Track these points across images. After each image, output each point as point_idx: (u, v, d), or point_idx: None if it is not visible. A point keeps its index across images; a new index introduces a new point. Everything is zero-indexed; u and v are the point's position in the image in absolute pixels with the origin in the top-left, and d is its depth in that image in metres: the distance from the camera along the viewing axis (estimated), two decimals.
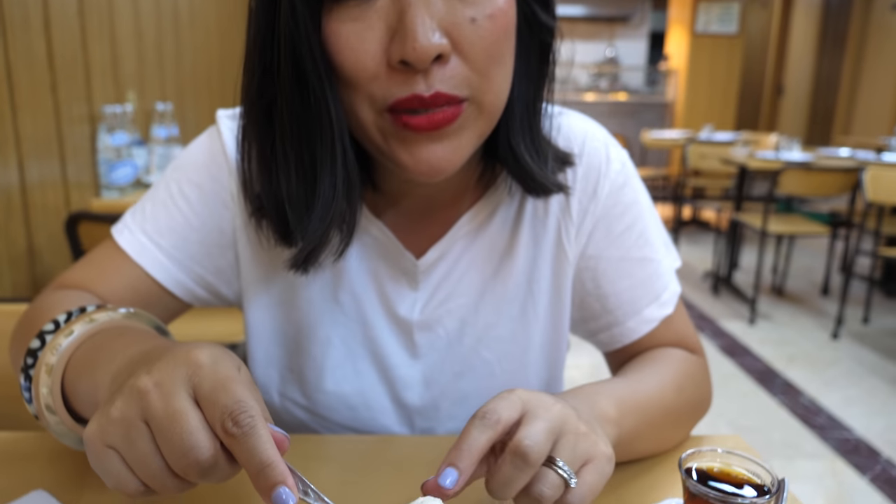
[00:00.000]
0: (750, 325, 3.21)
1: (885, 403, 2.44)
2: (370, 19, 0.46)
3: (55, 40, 1.62)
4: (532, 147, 0.56)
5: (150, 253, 0.61)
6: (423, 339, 0.65)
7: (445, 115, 0.47)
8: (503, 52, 0.49)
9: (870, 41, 6.25)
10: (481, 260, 0.64)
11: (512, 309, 0.65)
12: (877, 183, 2.86)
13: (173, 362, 0.37)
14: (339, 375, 0.65)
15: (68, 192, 1.70)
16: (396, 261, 0.63)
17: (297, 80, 0.48)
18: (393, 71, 0.46)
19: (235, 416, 0.34)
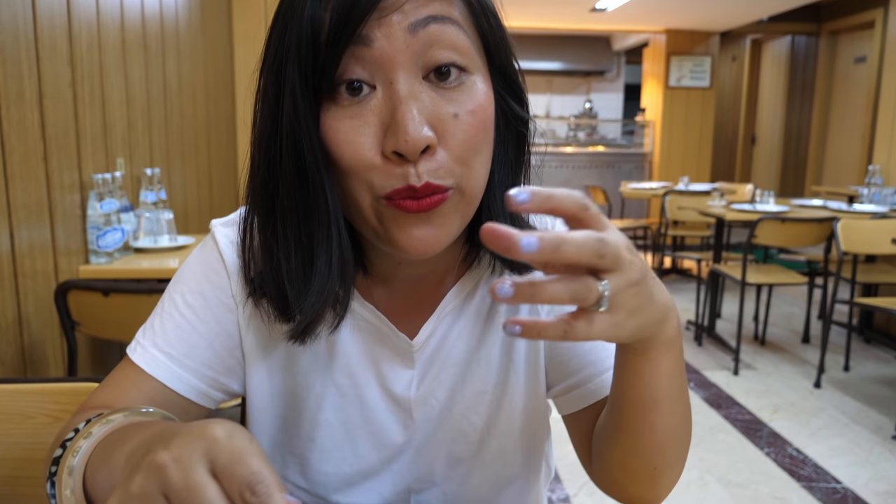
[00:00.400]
0: (734, 376, 3.24)
1: (870, 453, 2.46)
2: (365, 116, 0.51)
3: (48, 111, 1.66)
4: (511, 226, 0.60)
5: (164, 365, 0.63)
6: (418, 412, 0.67)
7: (432, 201, 0.52)
8: (482, 142, 0.55)
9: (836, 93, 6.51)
10: (467, 332, 0.67)
11: (495, 375, 0.68)
12: (849, 233, 2.94)
13: (189, 437, 0.38)
14: (339, 457, 0.67)
15: (57, 259, 1.71)
16: (391, 342, 0.66)
17: (298, 171, 0.53)
18: (387, 161, 0.51)
19: (253, 487, 0.35)
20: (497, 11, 0.58)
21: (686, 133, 6.86)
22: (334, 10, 0.50)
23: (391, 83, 0.51)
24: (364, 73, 0.51)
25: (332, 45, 0.50)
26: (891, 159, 3.99)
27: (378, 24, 0.50)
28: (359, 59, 0.51)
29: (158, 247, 2.05)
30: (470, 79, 0.54)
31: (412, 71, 0.52)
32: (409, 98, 0.50)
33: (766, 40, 7.56)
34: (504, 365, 0.68)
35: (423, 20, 0.51)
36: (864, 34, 5.97)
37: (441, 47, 0.52)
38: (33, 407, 0.86)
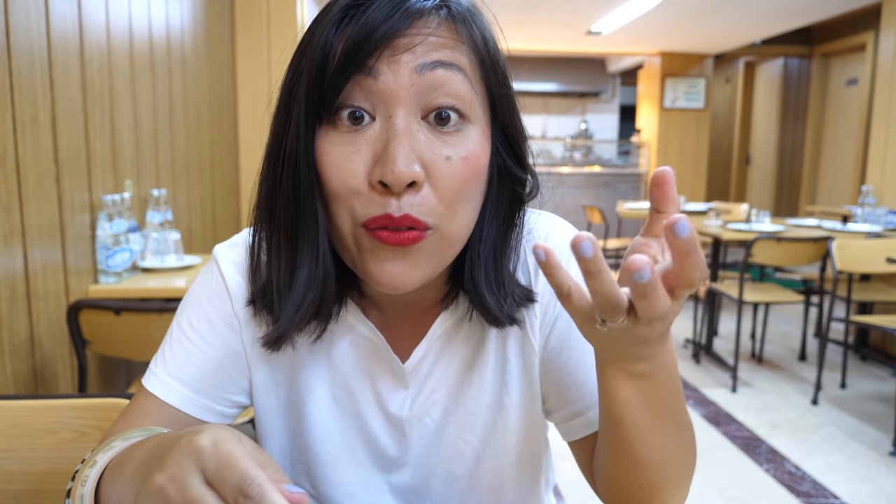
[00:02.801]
0: (732, 393, 3.27)
1: (867, 469, 2.48)
2: (359, 144, 0.54)
3: (61, 134, 1.70)
4: (494, 284, 0.62)
5: (176, 390, 0.66)
6: (412, 430, 0.70)
7: (410, 237, 0.54)
8: (471, 190, 0.56)
9: (828, 114, 6.60)
10: (460, 354, 0.69)
11: (489, 397, 0.69)
12: (844, 252, 2.99)
13: (178, 453, 0.40)
14: (341, 468, 0.70)
15: (68, 279, 1.74)
16: (386, 361, 0.68)
17: (294, 188, 0.56)
18: (372, 190, 0.53)
19: (244, 490, 0.37)
20: (506, 71, 0.60)
21: (681, 153, 6.95)
22: (347, 39, 0.53)
23: (390, 117, 0.53)
24: (366, 103, 0.54)
25: (338, 72, 0.53)
26: (884, 180, 4.06)
27: (387, 60, 0.53)
28: (363, 89, 0.53)
29: (165, 266, 2.08)
30: (468, 127, 0.55)
31: (412, 109, 0.54)
32: (404, 133, 0.52)
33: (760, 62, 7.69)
34: (498, 386, 0.70)
35: (431, 63, 0.53)
36: (855, 57, 6.08)
37: (444, 92, 0.54)
38: (57, 422, 0.89)
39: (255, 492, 0.37)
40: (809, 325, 4.13)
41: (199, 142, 2.89)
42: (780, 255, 3.25)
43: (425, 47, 0.54)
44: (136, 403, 0.67)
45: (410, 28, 0.54)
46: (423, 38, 0.54)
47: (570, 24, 5.61)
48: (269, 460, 0.42)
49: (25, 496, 0.87)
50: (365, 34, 0.52)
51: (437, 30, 0.55)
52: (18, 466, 0.87)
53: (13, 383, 1.50)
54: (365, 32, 0.52)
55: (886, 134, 4.06)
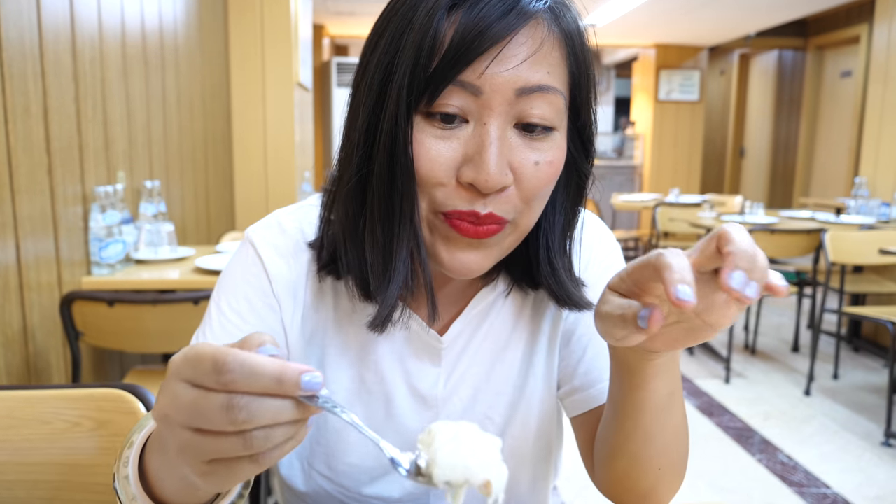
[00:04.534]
0: (725, 384, 3.29)
1: (859, 458, 2.50)
2: (452, 141, 0.55)
3: (53, 125, 1.69)
4: (569, 268, 0.66)
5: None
6: (443, 410, 0.71)
7: (489, 230, 0.57)
8: (547, 192, 0.59)
9: (822, 106, 6.62)
10: (494, 333, 0.70)
11: (517, 377, 0.71)
12: (837, 244, 3.00)
13: (163, 384, 0.40)
14: (363, 451, 0.70)
15: (60, 271, 1.73)
16: (420, 339, 0.69)
17: (390, 170, 0.56)
18: (459, 186, 0.55)
19: (220, 368, 0.37)
20: (594, 75, 0.61)
21: (676, 146, 6.95)
22: (458, 31, 0.52)
23: (485, 124, 0.54)
24: (463, 109, 0.54)
25: (446, 68, 0.52)
26: (877, 172, 4.07)
27: (491, 77, 0.53)
28: (463, 93, 0.53)
29: (159, 258, 2.07)
30: (555, 133, 0.57)
31: (506, 119, 0.55)
32: (498, 140, 0.54)
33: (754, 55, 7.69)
34: (524, 367, 0.71)
35: (532, 88, 0.54)
36: (849, 49, 6.09)
37: (539, 111, 0.55)
38: (50, 413, 0.88)
39: (231, 364, 0.37)
40: (802, 317, 4.15)
41: (193, 134, 2.88)
42: (773, 246, 3.27)
43: (530, 66, 0.54)
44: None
45: (521, 31, 0.54)
46: (529, 51, 0.54)
47: None
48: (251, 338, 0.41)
49: (19, 487, 0.87)
50: (479, 30, 0.52)
51: (544, 39, 0.55)
52: (11, 457, 0.87)
53: (6, 375, 1.50)
54: (479, 28, 0.52)
55: (880, 126, 4.08)
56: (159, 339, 1.61)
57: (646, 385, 0.56)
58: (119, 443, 0.88)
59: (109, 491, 0.87)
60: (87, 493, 0.87)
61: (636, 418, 0.59)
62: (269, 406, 0.38)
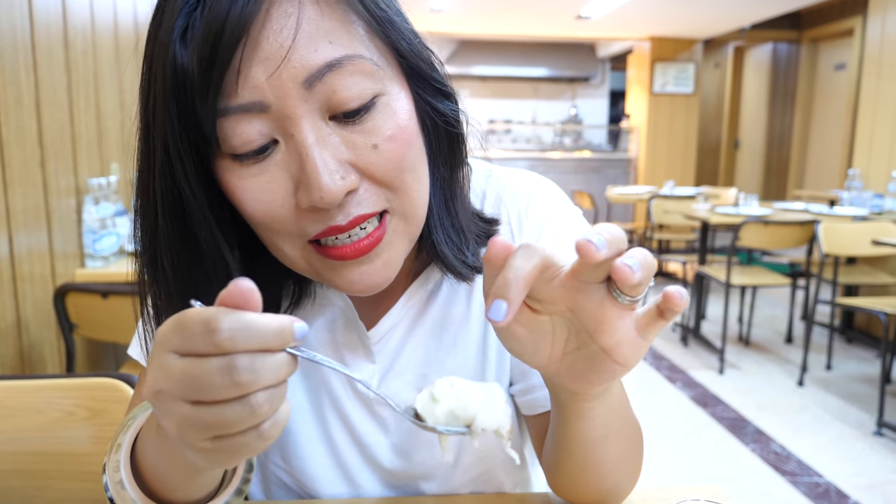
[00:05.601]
0: (719, 375, 3.30)
1: (851, 447, 2.52)
2: (272, 172, 0.46)
3: (45, 117, 1.68)
4: (453, 234, 0.57)
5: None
6: (386, 412, 0.65)
7: (371, 241, 0.48)
8: (412, 162, 0.50)
9: (817, 99, 6.63)
10: (438, 329, 0.64)
11: (471, 371, 0.65)
12: (831, 236, 3.02)
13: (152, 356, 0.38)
14: (314, 441, 0.66)
15: (54, 263, 1.73)
16: (353, 331, 0.64)
17: (182, 238, 0.49)
18: (304, 212, 0.47)
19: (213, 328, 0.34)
20: (397, 8, 0.51)
21: (670, 138, 6.96)
22: (199, 52, 0.43)
23: (293, 135, 0.45)
24: (262, 133, 0.45)
25: (204, 112, 0.43)
26: (870, 164, 4.09)
27: (266, 85, 0.43)
28: (250, 121, 0.44)
29: None
30: (382, 100, 0.48)
31: (315, 117, 0.45)
32: (316, 147, 0.45)
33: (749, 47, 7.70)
34: (480, 357, 0.65)
35: (318, 72, 0.44)
36: (843, 42, 6.09)
37: (345, 92, 0.45)
38: (44, 403, 0.88)
39: (226, 322, 0.34)
40: (796, 309, 4.17)
41: None
42: (767, 238, 3.28)
43: (302, 52, 0.44)
44: (141, 381, 0.66)
45: (270, 15, 0.43)
46: (291, 31, 0.44)
47: (560, 8, 5.58)
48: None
49: (13, 476, 0.87)
50: (216, 36, 0.42)
51: (301, 6, 0.44)
52: (5, 447, 0.87)
53: (0, 367, 1.50)
54: (215, 33, 0.42)
55: (873, 118, 4.09)
56: None
57: (574, 424, 0.51)
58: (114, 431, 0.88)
59: None
60: (82, 481, 0.87)
61: (569, 449, 0.54)
62: (271, 362, 0.36)
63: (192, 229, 0.48)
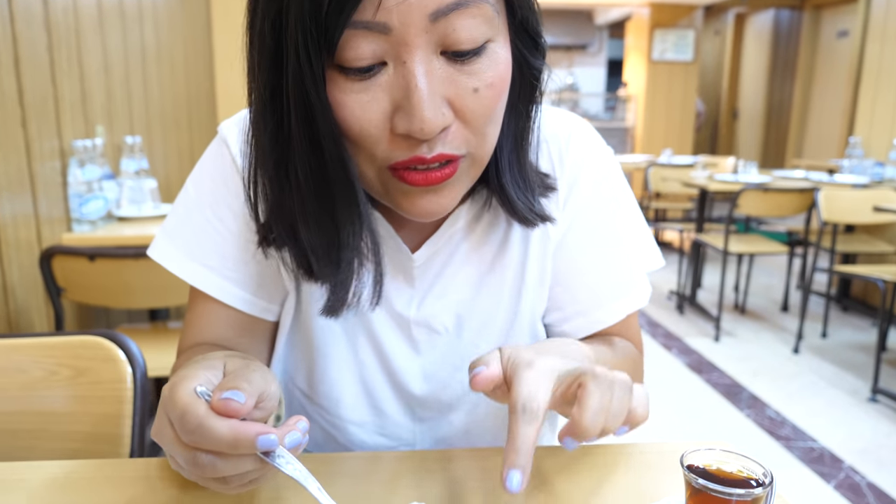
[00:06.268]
0: (715, 342, 3.30)
1: (846, 413, 2.53)
2: (374, 91, 0.47)
3: (25, 76, 1.62)
4: (520, 180, 0.60)
5: (231, 293, 0.66)
6: (421, 335, 0.67)
7: (443, 174, 0.50)
8: (500, 112, 0.52)
9: (818, 67, 6.55)
10: (477, 254, 0.66)
11: (507, 301, 0.67)
12: (830, 203, 2.99)
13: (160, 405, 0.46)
14: (342, 364, 0.68)
15: (40, 228, 1.69)
16: (393, 256, 0.65)
17: (311, 141, 0.49)
18: (396, 136, 0.49)
19: (184, 427, 0.42)
20: None
21: (669, 107, 6.88)
22: None
23: (405, 62, 0.46)
24: (375, 54, 0.46)
25: (333, 18, 0.44)
26: (872, 132, 4.04)
27: (395, 8, 0.45)
28: (370, 40, 0.46)
29: (142, 215, 2.03)
30: (491, 46, 0.49)
31: (429, 50, 0.47)
32: (424, 78, 0.46)
33: (750, 14, 7.58)
34: (517, 289, 0.67)
35: (446, 8, 0.46)
36: (847, 8, 6.00)
37: (465, 33, 0.47)
38: (27, 362, 0.86)
39: (191, 426, 0.41)
40: (792, 278, 4.17)
41: (175, 91, 2.80)
42: (766, 205, 3.25)
43: None
44: (197, 312, 0.67)
45: None
46: None
47: None
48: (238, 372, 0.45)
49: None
50: None
51: None
52: None
53: None
54: None
55: (876, 85, 4.03)
56: (144, 294, 1.58)
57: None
58: (99, 390, 0.86)
59: (88, 439, 0.85)
60: (67, 441, 0.85)
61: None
62: (229, 463, 0.43)
63: (318, 138, 0.49)
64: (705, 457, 0.48)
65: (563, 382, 0.46)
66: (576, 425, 0.44)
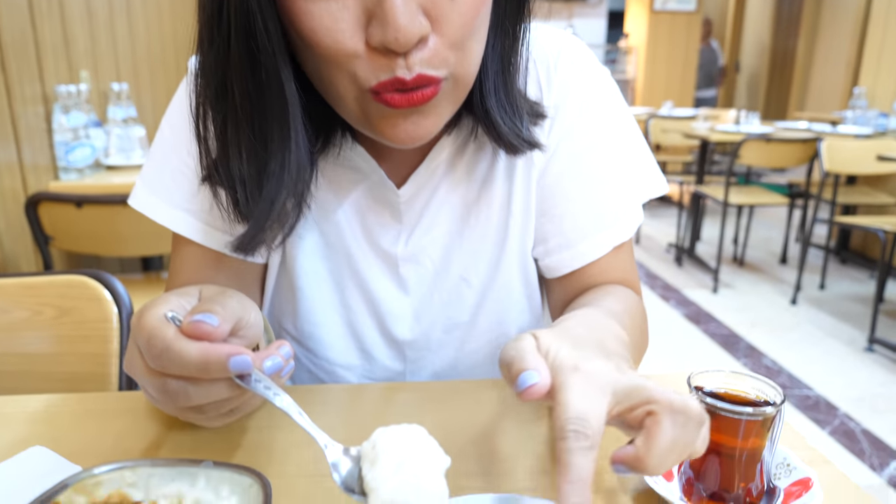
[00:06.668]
0: (713, 294, 3.30)
1: (842, 362, 2.54)
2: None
3: (2, 17, 1.56)
4: (507, 105, 0.56)
5: (206, 231, 0.62)
6: (409, 272, 0.65)
7: (424, 95, 0.47)
8: (481, 22, 0.48)
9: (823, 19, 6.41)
10: (463, 185, 0.63)
11: (494, 233, 0.65)
12: (833, 153, 2.94)
13: (130, 334, 0.43)
14: (329, 307, 0.66)
15: (25, 176, 1.65)
16: (378, 192, 0.62)
17: (250, 57, 0.46)
18: (373, 51, 0.45)
19: (151, 352, 0.39)
20: None
21: (670, 59, 6.75)
22: None
23: None
24: None
25: None
26: (877, 82, 3.96)
27: None
28: None
29: (131, 164, 1.98)
30: None
31: None
32: None
33: None
34: (503, 220, 0.64)
35: None
36: None
37: None
38: (8, 302, 0.83)
39: (158, 350, 0.38)
40: (792, 231, 4.15)
41: (162, 37, 2.71)
42: (768, 156, 3.20)
43: None
44: (181, 257, 0.65)
45: None
46: None
47: None
48: (213, 298, 0.42)
49: None
50: None
51: None
52: None
53: None
54: None
55: (883, 35, 3.93)
56: (134, 242, 1.55)
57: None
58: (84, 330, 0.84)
59: (74, 379, 0.83)
60: (52, 381, 0.83)
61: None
62: (202, 389, 0.40)
63: (257, 56, 0.46)
64: (713, 379, 0.46)
65: (622, 403, 0.39)
66: (639, 461, 0.37)
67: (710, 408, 0.42)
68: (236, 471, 0.38)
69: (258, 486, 0.37)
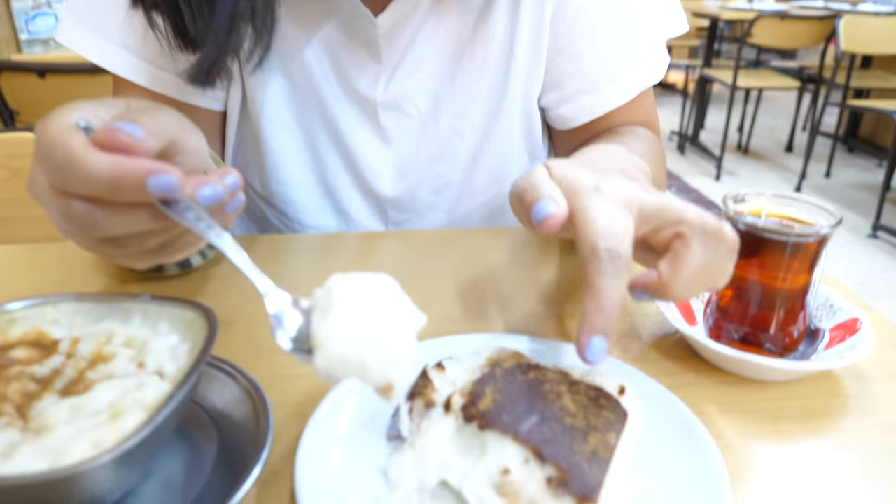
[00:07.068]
0: (716, 181, 3.22)
1: (845, 248, 2.51)
2: None
3: None
4: None
5: (147, 70, 0.52)
6: (391, 120, 0.56)
7: None
8: None
9: None
10: (456, 19, 0.54)
11: (492, 77, 0.56)
12: (852, 31, 2.76)
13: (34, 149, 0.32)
14: (298, 161, 0.58)
15: None
16: (353, 24, 0.52)
17: None
18: None
19: (51, 164, 0.30)
20: None
21: None
22: None
23: None
24: None
25: None
26: None
27: None
28: None
29: None
30: None
31: None
32: None
33: None
34: (504, 64, 0.55)
35: None
36: None
37: None
38: None
39: (59, 161, 0.29)
40: (799, 119, 4.00)
41: None
42: (782, 34, 3.02)
43: None
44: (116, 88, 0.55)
45: None
46: None
47: None
48: (142, 110, 0.31)
49: None
50: None
51: None
52: None
53: None
54: None
55: None
56: None
57: None
58: None
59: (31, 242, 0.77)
60: None
61: None
62: (115, 216, 0.30)
63: None
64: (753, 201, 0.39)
65: (649, 222, 0.33)
66: (662, 286, 0.33)
67: (751, 229, 0.35)
68: (178, 305, 0.32)
69: (202, 319, 0.30)
